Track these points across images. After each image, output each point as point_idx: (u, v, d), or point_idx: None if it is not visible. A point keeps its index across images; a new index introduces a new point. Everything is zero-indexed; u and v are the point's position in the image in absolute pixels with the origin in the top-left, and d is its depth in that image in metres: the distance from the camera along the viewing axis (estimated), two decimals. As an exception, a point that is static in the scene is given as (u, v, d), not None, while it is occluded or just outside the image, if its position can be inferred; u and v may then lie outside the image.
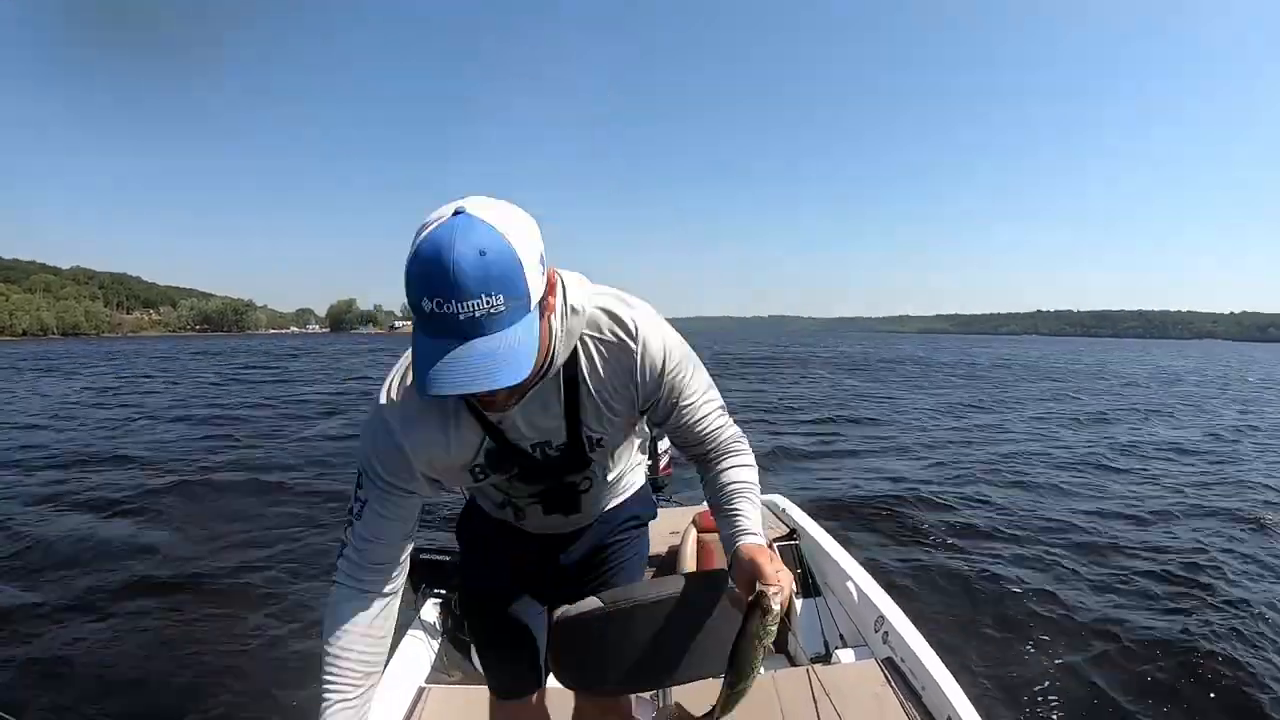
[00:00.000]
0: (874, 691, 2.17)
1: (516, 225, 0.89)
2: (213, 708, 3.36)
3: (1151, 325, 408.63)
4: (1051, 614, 4.29)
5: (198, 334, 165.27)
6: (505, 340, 0.88)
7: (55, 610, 4.46)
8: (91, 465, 9.16)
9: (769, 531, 3.32)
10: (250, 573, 5.08)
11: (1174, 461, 9.69)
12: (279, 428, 12.62)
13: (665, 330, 1.18)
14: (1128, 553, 5.43)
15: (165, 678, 3.65)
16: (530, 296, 0.90)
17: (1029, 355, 53.42)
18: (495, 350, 0.87)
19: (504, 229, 0.87)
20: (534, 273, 0.90)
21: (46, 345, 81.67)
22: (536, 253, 0.91)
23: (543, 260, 0.93)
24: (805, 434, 12.14)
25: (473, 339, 0.86)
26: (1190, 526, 6.29)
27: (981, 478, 8.27)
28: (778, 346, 61.28)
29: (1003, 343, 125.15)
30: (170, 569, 5.19)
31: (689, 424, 1.25)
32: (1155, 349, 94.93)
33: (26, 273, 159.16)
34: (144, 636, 4.13)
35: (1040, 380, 26.26)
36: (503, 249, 0.85)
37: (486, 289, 0.84)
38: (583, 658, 1.35)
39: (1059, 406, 16.89)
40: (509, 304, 0.87)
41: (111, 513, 6.75)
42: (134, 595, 4.69)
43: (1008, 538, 5.82)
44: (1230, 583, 4.89)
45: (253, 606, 4.50)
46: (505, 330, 0.88)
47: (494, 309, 0.85)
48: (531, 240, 0.90)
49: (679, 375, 1.19)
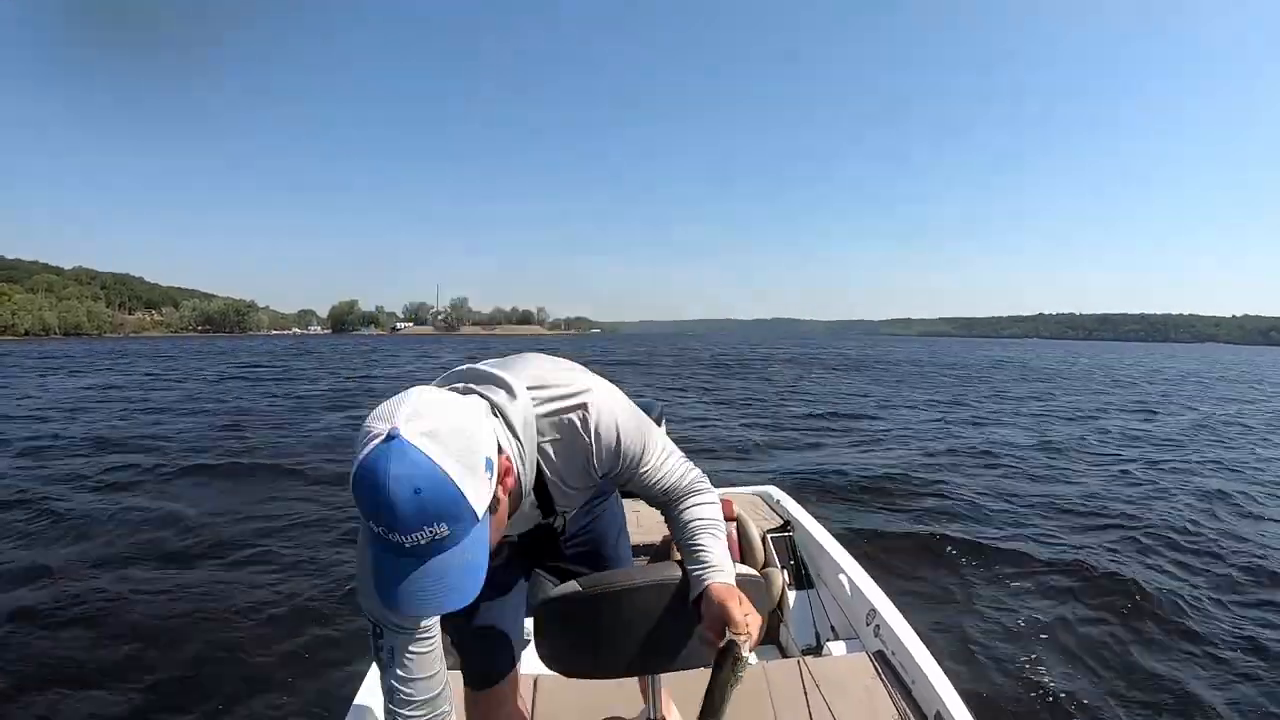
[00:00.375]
0: (864, 684, 2.18)
1: (455, 440, 0.89)
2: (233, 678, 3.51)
3: (1153, 328, 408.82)
4: (1041, 611, 4.33)
5: (200, 334, 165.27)
6: (457, 557, 0.90)
7: (79, 585, 4.71)
8: (110, 453, 9.54)
9: (763, 523, 3.35)
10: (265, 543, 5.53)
11: (1167, 459, 9.72)
12: (287, 420, 13.05)
13: (616, 410, 1.21)
14: (1115, 550, 5.45)
15: (182, 643, 3.91)
16: (476, 509, 0.90)
17: (1025, 357, 53.55)
18: (447, 570, 0.90)
19: (439, 453, 0.86)
20: (478, 486, 0.90)
21: (58, 344, 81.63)
22: (481, 459, 0.91)
23: (489, 464, 0.94)
24: (800, 428, 12.28)
25: (425, 560, 0.89)
26: (1183, 514, 6.42)
27: (975, 474, 8.33)
28: (777, 348, 61.26)
29: (1003, 345, 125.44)
30: (190, 541, 5.69)
31: (649, 484, 1.29)
32: (1153, 353, 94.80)
33: (29, 273, 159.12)
34: (163, 606, 4.41)
35: (1033, 380, 26.43)
36: (437, 483, 0.85)
37: (427, 522, 0.86)
38: (565, 641, 1.36)
39: (1049, 405, 16.98)
40: (453, 528, 0.88)
41: (130, 494, 7.26)
42: (157, 567, 5.10)
43: (1000, 534, 5.85)
44: (1227, 570, 4.99)
45: (267, 580, 4.76)
46: (456, 548, 0.90)
47: (439, 535, 0.87)
48: (472, 450, 0.90)
49: (633, 450, 1.23)
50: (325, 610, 4.32)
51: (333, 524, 6.15)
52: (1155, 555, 5.35)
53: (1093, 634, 4.03)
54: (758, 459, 9.50)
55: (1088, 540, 5.66)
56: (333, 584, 4.72)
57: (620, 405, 1.22)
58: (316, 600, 4.48)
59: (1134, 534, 5.84)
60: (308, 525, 6.15)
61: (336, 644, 3.89)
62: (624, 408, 1.23)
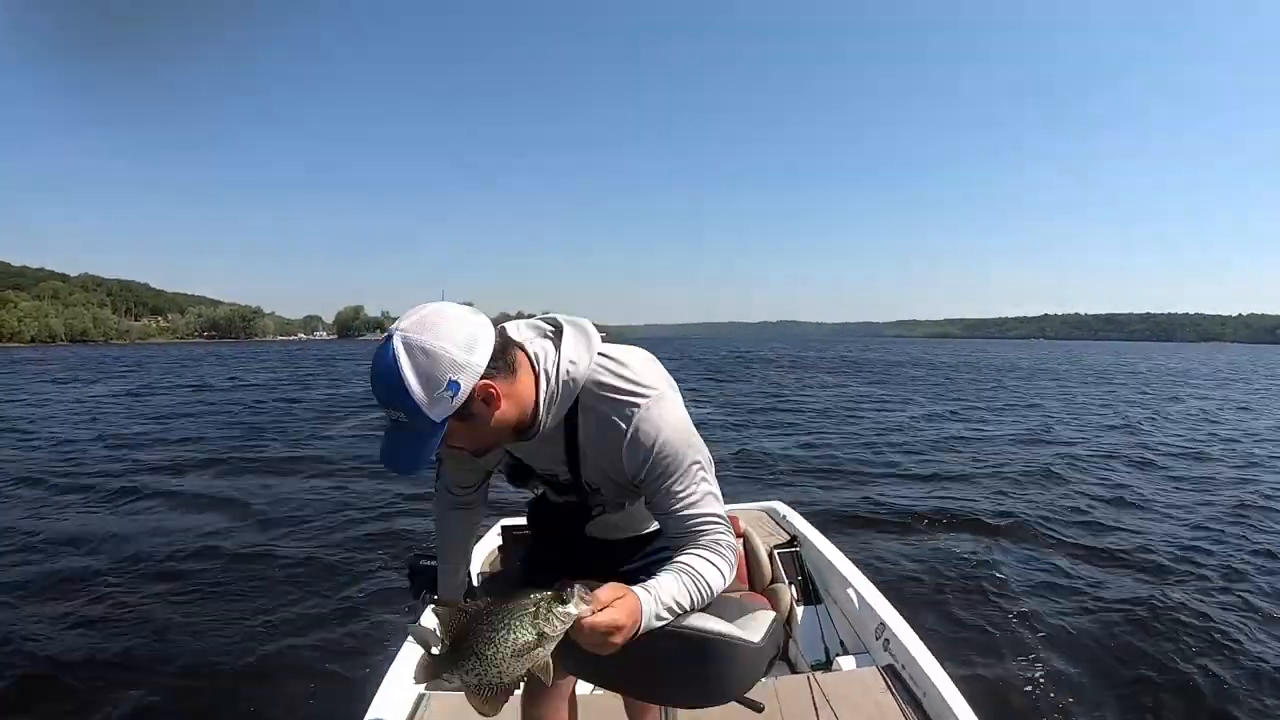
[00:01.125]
0: (875, 698, 2.16)
1: (421, 357, 1.07)
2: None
3: (1159, 328, 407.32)
4: (1054, 621, 4.28)
5: (205, 341, 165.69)
6: (407, 441, 1.13)
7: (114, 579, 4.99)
8: (138, 452, 9.95)
9: (769, 539, 3.33)
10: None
11: (1200, 475, 9.64)
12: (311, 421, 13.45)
13: (665, 420, 1.23)
14: (1133, 562, 5.37)
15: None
16: (429, 414, 1.09)
17: (1071, 358, 53.31)
18: (399, 445, 1.14)
19: (406, 363, 1.06)
20: (432, 398, 1.08)
21: (67, 351, 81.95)
22: (444, 379, 1.08)
23: (452, 384, 1.09)
24: (802, 437, 12.19)
25: (391, 433, 1.14)
26: (1205, 533, 6.24)
27: (982, 483, 8.25)
28: (781, 351, 61.08)
29: (1010, 346, 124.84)
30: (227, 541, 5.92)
31: (667, 508, 1.26)
32: (1158, 353, 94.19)
33: (35, 279, 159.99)
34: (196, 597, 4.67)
35: (1045, 381, 26.28)
36: (395, 383, 1.06)
37: (390, 405, 1.09)
38: (584, 653, 1.35)
39: (1068, 407, 16.85)
40: (411, 419, 1.09)
41: (161, 497, 7.51)
42: (193, 562, 5.37)
43: (1010, 545, 5.80)
44: (1238, 581, 4.90)
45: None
46: (407, 434, 1.12)
47: (399, 419, 1.10)
48: (434, 368, 1.07)
49: (662, 465, 1.23)
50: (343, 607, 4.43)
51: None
52: (1179, 570, 5.16)
53: (1109, 646, 3.96)
54: (761, 469, 9.47)
55: (1113, 560, 5.44)
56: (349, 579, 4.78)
57: (673, 420, 1.24)
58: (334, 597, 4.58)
59: (1157, 546, 5.71)
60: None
61: (354, 644, 3.96)
62: (676, 423, 1.24)
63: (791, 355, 48.46)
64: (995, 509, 6.90)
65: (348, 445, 11.31)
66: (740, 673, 1.29)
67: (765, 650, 1.31)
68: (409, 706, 2.19)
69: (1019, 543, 5.84)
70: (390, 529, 6.34)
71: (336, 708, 3.26)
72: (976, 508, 6.96)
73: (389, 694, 2.17)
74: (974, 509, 6.91)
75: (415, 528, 6.27)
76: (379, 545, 5.83)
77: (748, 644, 1.27)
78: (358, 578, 5.06)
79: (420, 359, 1.06)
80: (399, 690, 2.21)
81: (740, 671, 1.28)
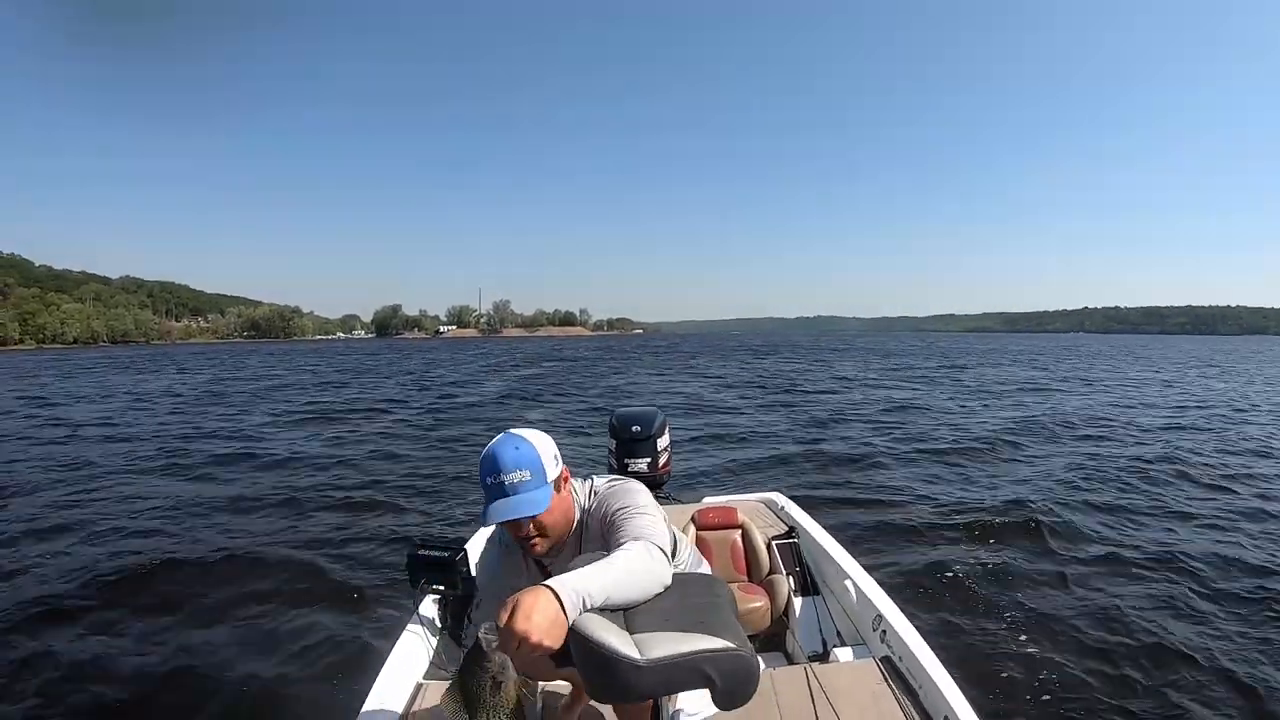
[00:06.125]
0: (871, 690, 2.17)
1: (539, 438, 1.67)
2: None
3: (1201, 321, 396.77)
4: (1050, 613, 4.27)
5: (246, 340, 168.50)
6: (528, 495, 1.59)
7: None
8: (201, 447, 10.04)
9: (768, 530, 3.34)
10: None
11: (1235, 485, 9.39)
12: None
13: (624, 483, 1.79)
14: (1126, 557, 5.29)
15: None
16: (547, 472, 1.63)
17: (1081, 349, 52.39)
18: (520, 499, 1.58)
19: (530, 436, 1.66)
20: (549, 463, 1.64)
21: (103, 352, 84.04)
22: (553, 453, 1.68)
23: (557, 459, 1.69)
24: (806, 431, 12.19)
25: (510, 496, 1.58)
26: (1213, 530, 6.14)
27: (982, 478, 8.18)
28: (814, 349, 60.75)
29: (1047, 339, 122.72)
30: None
31: (619, 524, 1.64)
32: (1193, 345, 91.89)
33: (76, 283, 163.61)
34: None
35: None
36: (526, 447, 1.62)
37: (518, 466, 1.58)
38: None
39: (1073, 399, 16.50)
40: (533, 476, 1.60)
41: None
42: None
43: (1009, 538, 5.75)
44: (1230, 579, 4.85)
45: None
46: (529, 485, 1.59)
47: (524, 479, 1.58)
48: (548, 447, 1.67)
49: (616, 498, 1.73)
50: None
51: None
52: (1179, 569, 5.09)
53: (1104, 639, 3.94)
54: (764, 460, 9.45)
55: (1106, 554, 5.37)
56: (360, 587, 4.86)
57: (631, 485, 1.78)
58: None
59: (1158, 542, 5.66)
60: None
61: (354, 634, 4.07)
62: (632, 487, 1.77)
63: (821, 356, 48.03)
64: (995, 502, 6.82)
65: (348, 445, 11.52)
66: (620, 684, 1.30)
67: (646, 671, 1.29)
68: (407, 695, 2.24)
69: (1017, 536, 5.78)
70: (388, 522, 6.50)
71: (337, 696, 3.36)
72: (976, 501, 6.92)
73: (387, 682, 2.23)
74: (974, 502, 6.86)
75: (412, 521, 6.48)
76: (378, 537, 5.96)
77: (631, 661, 1.28)
78: (355, 568, 5.21)
79: (538, 440, 1.66)
80: (397, 679, 2.27)
81: (619, 683, 1.30)
